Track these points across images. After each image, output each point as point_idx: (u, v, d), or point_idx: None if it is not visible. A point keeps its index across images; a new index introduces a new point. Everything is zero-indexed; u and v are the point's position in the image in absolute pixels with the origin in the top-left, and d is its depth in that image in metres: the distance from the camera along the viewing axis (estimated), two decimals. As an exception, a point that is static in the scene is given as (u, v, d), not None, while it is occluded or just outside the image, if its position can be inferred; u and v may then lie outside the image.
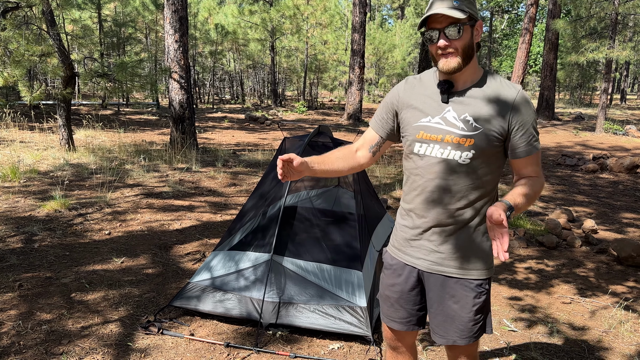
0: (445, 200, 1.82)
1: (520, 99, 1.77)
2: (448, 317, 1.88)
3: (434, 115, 1.82)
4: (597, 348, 3.18)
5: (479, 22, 1.79)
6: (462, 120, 1.78)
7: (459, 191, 1.80)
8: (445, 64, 1.75)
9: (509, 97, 1.78)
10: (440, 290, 1.88)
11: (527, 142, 1.79)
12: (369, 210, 4.16)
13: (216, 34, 22.57)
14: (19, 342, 2.96)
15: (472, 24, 1.76)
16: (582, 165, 9.97)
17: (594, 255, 4.89)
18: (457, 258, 1.85)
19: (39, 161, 8.06)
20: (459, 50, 1.75)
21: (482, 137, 1.76)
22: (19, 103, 16.31)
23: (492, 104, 1.78)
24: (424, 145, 1.84)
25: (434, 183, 1.82)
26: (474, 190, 1.81)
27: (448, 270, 1.86)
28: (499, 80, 1.82)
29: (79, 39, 13.94)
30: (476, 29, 1.79)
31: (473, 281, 1.85)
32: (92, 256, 4.33)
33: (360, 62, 17.67)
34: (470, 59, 1.78)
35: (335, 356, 2.96)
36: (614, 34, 16.11)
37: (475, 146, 1.76)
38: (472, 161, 1.78)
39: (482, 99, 1.79)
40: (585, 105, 30.50)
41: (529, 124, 1.78)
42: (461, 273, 1.85)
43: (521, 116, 1.77)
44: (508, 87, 1.79)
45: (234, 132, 14.64)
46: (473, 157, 1.77)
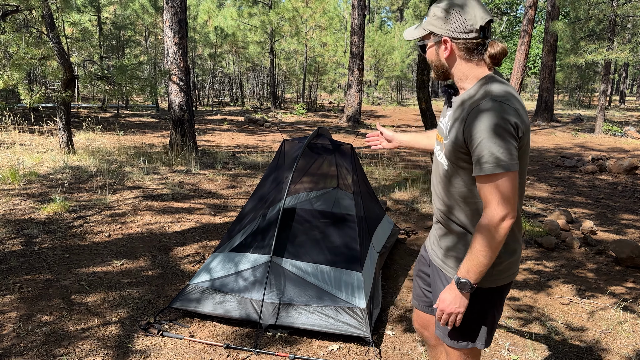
0: (438, 198, 1.90)
1: (475, 110, 1.63)
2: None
3: (443, 117, 1.88)
4: (595, 349, 3.19)
5: (444, 39, 1.73)
6: (446, 126, 1.81)
7: (444, 193, 1.84)
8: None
9: (469, 108, 1.67)
10: (437, 282, 1.95)
11: (476, 160, 1.63)
12: (369, 211, 4.18)
13: (215, 36, 22.60)
14: (19, 344, 2.97)
15: (435, 40, 1.76)
16: (581, 167, 9.99)
17: (592, 257, 4.91)
18: (449, 256, 1.89)
19: (38, 164, 8.07)
20: (432, 65, 1.83)
21: (448, 146, 1.75)
22: (18, 106, 16.33)
23: (458, 114, 1.73)
24: (436, 143, 1.96)
25: (433, 180, 1.94)
26: (457, 195, 1.79)
27: (442, 265, 1.92)
28: (482, 89, 1.69)
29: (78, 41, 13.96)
30: (441, 46, 1.76)
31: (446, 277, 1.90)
32: (92, 258, 4.34)
33: (360, 64, 17.70)
34: (446, 74, 1.80)
35: (335, 357, 2.97)
36: (613, 35, 16.15)
37: (446, 154, 1.78)
38: (448, 169, 1.79)
39: (458, 108, 1.75)
40: (584, 106, 30.54)
41: (477, 140, 1.60)
42: (450, 272, 1.88)
43: (470, 129, 1.63)
44: (477, 98, 1.67)
45: (234, 134, 14.66)
46: (448, 166, 1.79)
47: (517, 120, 1.60)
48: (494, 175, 1.60)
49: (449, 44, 1.74)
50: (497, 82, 1.70)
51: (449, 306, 1.76)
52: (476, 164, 1.63)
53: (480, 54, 1.73)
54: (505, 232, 1.63)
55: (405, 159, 11.00)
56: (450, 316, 1.77)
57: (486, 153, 1.59)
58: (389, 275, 4.26)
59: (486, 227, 1.64)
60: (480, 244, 1.65)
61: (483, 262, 1.66)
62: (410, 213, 6.24)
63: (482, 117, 1.60)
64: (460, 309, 1.75)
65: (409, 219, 5.98)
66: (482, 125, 1.59)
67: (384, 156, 11.05)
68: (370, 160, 10.41)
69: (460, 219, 1.81)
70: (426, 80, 7.97)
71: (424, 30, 1.78)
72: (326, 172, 4.44)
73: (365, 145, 12.85)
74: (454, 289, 1.75)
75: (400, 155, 11.41)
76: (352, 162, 4.09)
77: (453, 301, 1.75)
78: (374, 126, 18.22)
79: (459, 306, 1.75)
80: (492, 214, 1.62)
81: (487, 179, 1.61)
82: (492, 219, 1.62)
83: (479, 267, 1.67)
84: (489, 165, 1.59)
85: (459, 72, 1.77)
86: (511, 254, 1.80)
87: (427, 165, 9.79)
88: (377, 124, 2.42)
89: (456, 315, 1.76)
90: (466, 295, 1.74)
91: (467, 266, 1.70)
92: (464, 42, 1.72)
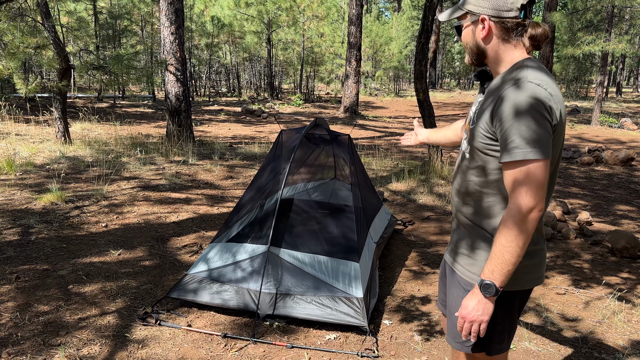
0: (458, 193, 1.79)
1: (509, 91, 1.53)
2: (449, 312, 1.84)
3: (474, 105, 1.79)
4: (590, 338, 3.21)
5: (482, 17, 1.63)
6: (474, 112, 1.71)
7: (465, 187, 1.74)
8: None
9: (501, 90, 1.57)
10: (450, 283, 1.84)
11: (504, 145, 1.51)
12: (366, 202, 4.18)
13: (212, 26, 22.46)
14: (16, 334, 2.97)
15: (473, 20, 1.66)
16: (577, 158, 10.01)
17: (588, 247, 4.93)
18: (461, 254, 1.78)
19: (35, 154, 8.04)
20: (464, 46, 1.73)
21: (473, 133, 1.66)
22: (14, 96, 16.23)
23: (489, 98, 1.63)
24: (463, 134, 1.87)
25: (455, 174, 1.83)
26: (474, 189, 1.70)
27: (456, 265, 1.81)
28: (515, 73, 1.59)
29: (74, 31, 13.86)
30: (478, 25, 1.66)
31: (468, 284, 1.73)
32: (89, 248, 4.34)
33: (357, 54, 17.63)
34: (481, 57, 1.69)
35: (332, 346, 2.99)
36: (610, 26, 16.12)
37: (469, 141, 1.69)
38: (470, 157, 1.69)
39: (488, 93, 1.66)
40: (581, 98, 30.55)
41: (507, 123, 1.49)
42: (461, 270, 1.77)
43: (499, 112, 1.52)
44: (510, 80, 1.57)
45: (231, 125, 14.62)
46: (470, 153, 1.69)
47: (552, 105, 1.49)
48: (523, 161, 1.47)
49: (487, 23, 1.62)
50: (534, 66, 1.58)
51: (471, 313, 1.59)
52: (504, 149, 1.51)
53: (520, 35, 1.62)
54: (533, 226, 1.50)
55: (402, 150, 11.00)
56: (472, 325, 1.60)
57: (516, 137, 1.47)
58: (386, 266, 4.27)
59: (512, 219, 1.50)
60: (506, 238, 1.51)
61: (509, 260, 1.51)
62: (408, 204, 6.25)
63: (514, 99, 1.49)
64: (484, 317, 1.58)
65: (406, 209, 5.99)
66: (513, 107, 1.48)
67: (382, 147, 11.04)
68: (367, 151, 10.40)
69: (477, 212, 1.71)
70: (424, 71, 7.96)
71: (461, 10, 1.68)
72: (324, 163, 4.44)
73: (362, 136, 12.84)
74: (477, 293, 1.58)
75: (397, 147, 11.41)
76: (350, 152, 4.09)
77: (476, 308, 1.58)
78: (371, 117, 18.21)
79: (483, 314, 1.58)
80: (519, 205, 1.49)
81: (516, 165, 1.48)
82: (519, 210, 1.49)
83: (505, 266, 1.52)
84: (520, 151, 1.47)
85: (495, 54, 1.66)
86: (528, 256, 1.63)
87: (424, 157, 9.79)
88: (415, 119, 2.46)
89: (479, 324, 1.59)
90: (491, 300, 1.57)
91: (492, 266, 1.54)
92: (503, 21, 1.61)
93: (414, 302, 3.63)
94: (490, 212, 1.67)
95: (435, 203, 6.31)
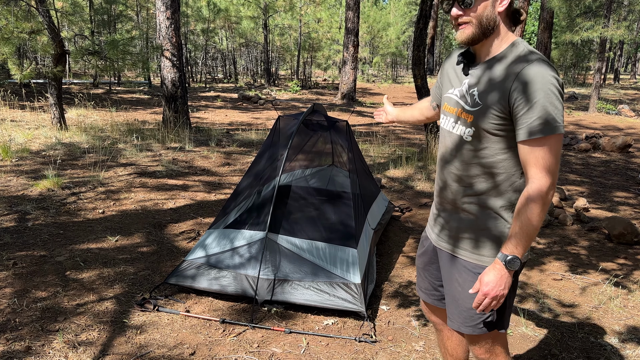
0: (453, 177, 1.76)
1: (528, 69, 1.52)
2: (453, 299, 1.81)
3: (455, 87, 1.76)
4: (587, 323, 3.23)
5: None
6: (470, 95, 1.67)
7: (464, 169, 1.72)
8: (459, 35, 1.64)
9: (516, 69, 1.55)
10: (449, 269, 1.82)
11: (527, 123, 1.52)
12: (364, 189, 4.18)
13: (208, 11, 22.26)
14: (14, 320, 2.97)
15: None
16: (575, 145, 10.01)
17: (585, 233, 4.95)
18: (465, 239, 1.76)
19: (30, 140, 7.99)
20: (474, 20, 1.61)
21: (481, 114, 1.62)
22: (9, 81, 16.09)
23: (498, 78, 1.60)
24: (444, 116, 1.82)
25: (445, 157, 1.79)
26: (479, 171, 1.68)
27: (455, 250, 1.79)
28: (519, 52, 1.59)
29: (69, 16, 13.71)
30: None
31: (478, 266, 1.73)
32: (87, 235, 4.33)
33: (355, 40, 17.51)
34: (490, 31, 1.62)
35: (330, 331, 3.00)
36: (609, 12, 16.04)
37: (474, 123, 1.65)
38: (474, 139, 1.67)
39: (492, 73, 1.63)
40: (578, 84, 30.50)
41: (531, 101, 1.50)
42: (467, 255, 1.75)
43: (523, 90, 1.52)
44: (521, 58, 1.57)
45: (227, 111, 14.55)
46: (474, 136, 1.66)
47: (561, 82, 1.53)
48: (546, 138, 1.50)
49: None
50: (529, 46, 1.61)
51: (495, 288, 1.60)
52: (527, 126, 1.52)
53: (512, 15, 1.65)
54: (550, 201, 1.54)
55: (400, 136, 10.98)
56: (493, 300, 1.62)
57: (543, 114, 1.49)
58: (384, 252, 4.28)
59: (537, 193, 1.53)
60: (532, 212, 1.53)
61: (532, 233, 1.56)
62: (405, 190, 6.25)
63: (534, 76, 1.50)
64: (505, 290, 1.61)
65: (404, 196, 5.99)
66: (536, 85, 1.49)
67: (379, 134, 11.02)
68: (365, 137, 10.38)
69: (482, 194, 1.70)
70: (422, 57, 7.91)
71: None
72: (321, 150, 4.42)
73: (360, 123, 12.80)
74: (499, 268, 1.60)
75: (395, 133, 11.39)
76: (348, 139, 4.07)
77: (499, 282, 1.60)
78: (368, 104, 18.14)
79: (504, 287, 1.61)
80: (542, 181, 1.52)
81: (540, 142, 1.51)
82: (544, 184, 1.52)
83: (529, 239, 1.56)
84: (545, 127, 1.49)
85: (502, 31, 1.63)
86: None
87: (421, 143, 9.77)
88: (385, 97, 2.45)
89: (500, 298, 1.62)
90: (511, 273, 1.61)
91: (516, 241, 1.57)
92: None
93: (411, 287, 3.65)
94: (498, 191, 1.68)
95: (432, 190, 6.31)
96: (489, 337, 1.79)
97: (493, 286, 1.60)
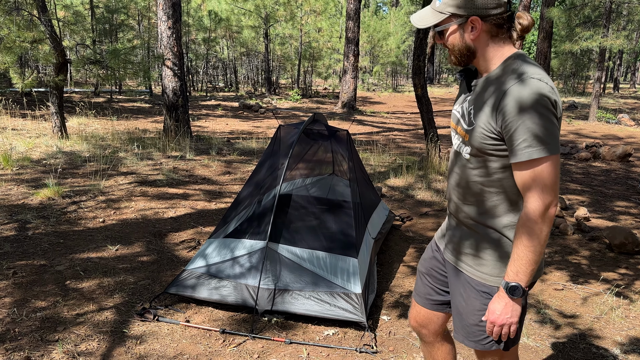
0: (458, 192, 1.75)
1: (514, 88, 1.47)
2: (457, 312, 1.79)
3: (460, 104, 1.75)
4: (588, 334, 3.22)
5: (472, 19, 1.56)
6: (467, 112, 1.66)
7: (466, 186, 1.70)
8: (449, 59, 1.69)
9: (504, 88, 1.51)
10: (455, 283, 1.80)
11: (515, 145, 1.48)
12: (364, 198, 4.17)
13: (209, 20, 22.37)
14: (14, 330, 2.96)
15: (459, 22, 1.59)
16: (575, 154, 10.02)
17: (586, 243, 4.94)
18: (468, 254, 1.74)
19: (31, 149, 8.00)
20: (450, 48, 1.65)
21: (475, 133, 1.59)
22: (10, 90, 16.14)
23: (487, 97, 1.57)
24: (452, 132, 1.82)
25: (451, 172, 1.79)
26: (479, 189, 1.66)
27: (460, 265, 1.76)
28: (512, 68, 1.54)
29: (70, 25, 13.76)
30: (467, 27, 1.59)
31: (480, 284, 1.70)
32: (87, 244, 4.32)
33: (355, 50, 17.59)
34: (471, 57, 1.63)
35: (330, 342, 2.99)
36: (608, 22, 16.12)
37: (469, 142, 1.63)
38: (472, 158, 1.65)
39: (484, 91, 1.60)
40: (578, 94, 30.57)
41: (516, 122, 1.45)
42: (470, 271, 1.73)
43: (506, 111, 1.47)
44: (510, 77, 1.52)
45: (228, 120, 14.58)
46: (471, 154, 1.64)
47: (555, 98, 1.46)
48: (537, 160, 1.45)
49: (479, 24, 1.56)
50: (528, 61, 1.54)
51: (500, 317, 1.58)
52: (514, 149, 1.48)
53: (508, 29, 1.59)
54: (551, 222, 1.49)
55: (400, 145, 11.00)
56: (502, 328, 1.59)
57: (528, 136, 1.44)
58: (384, 261, 4.27)
59: (532, 219, 1.49)
60: (528, 238, 1.50)
61: (533, 259, 1.51)
62: (406, 199, 6.24)
63: (520, 96, 1.45)
64: (514, 318, 1.58)
65: (404, 205, 5.99)
66: (520, 105, 1.45)
67: (380, 143, 11.03)
68: (365, 146, 10.39)
69: (483, 212, 1.67)
70: (422, 67, 7.94)
71: (443, 14, 1.60)
72: (322, 159, 4.42)
73: (360, 132, 12.82)
74: (503, 296, 1.58)
75: (395, 142, 11.40)
76: (348, 148, 4.08)
77: (504, 311, 1.57)
78: (369, 112, 18.19)
79: (512, 316, 1.58)
80: (537, 204, 1.48)
81: (529, 164, 1.47)
82: (537, 209, 1.48)
83: (530, 265, 1.52)
84: (532, 150, 1.44)
85: (486, 53, 1.61)
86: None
87: (422, 152, 9.78)
88: None
89: (509, 327, 1.59)
90: (518, 301, 1.57)
91: (516, 267, 1.53)
92: (494, 19, 1.56)
93: (412, 297, 3.63)
94: (495, 211, 1.65)
95: (433, 199, 6.31)
96: (496, 354, 1.76)
97: (499, 314, 1.58)
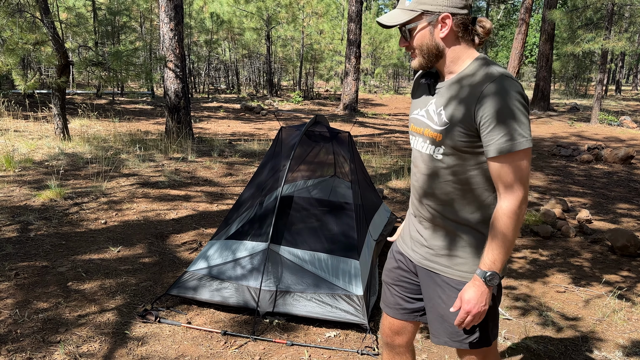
0: (428, 195, 1.76)
1: (491, 87, 1.54)
2: (438, 315, 1.79)
3: (421, 108, 1.77)
4: (590, 337, 3.21)
5: (443, 16, 1.59)
6: (437, 114, 1.68)
7: (438, 187, 1.72)
8: (412, 63, 1.71)
9: (479, 87, 1.56)
10: (432, 287, 1.80)
11: (494, 140, 1.54)
12: (366, 200, 4.17)
13: (211, 22, 22.41)
14: (16, 331, 2.96)
15: (430, 20, 1.61)
16: (577, 156, 10.01)
17: (588, 245, 4.93)
18: (444, 255, 1.76)
19: (33, 150, 8.02)
20: (417, 50, 1.67)
21: (449, 132, 1.63)
22: (13, 92, 16.19)
23: (462, 96, 1.60)
24: (413, 137, 1.83)
25: (419, 176, 1.79)
26: (452, 187, 1.69)
27: (437, 267, 1.77)
28: (482, 69, 1.60)
29: (73, 27, 13.81)
30: (437, 25, 1.61)
31: (460, 282, 1.73)
32: (89, 245, 4.33)
33: (357, 52, 17.60)
34: (437, 57, 1.65)
35: (332, 344, 2.98)
36: (610, 24, 16.11)
37: (443, 142, 1.65)
38: (445, 157, 1.67)
39: (456, 91, 1.63)
40: (580, 96, 30.55)
41: (497, 118, 1.52)
42: (449, 272, 1.75)
43: (487, 107, 1.53)
44: (484, 76, 1.57)
45: (230, 121, 14.60)
46: (444, 154, 1.67)
47: (526, 96, 1.56)
48: (516, 153, 1.53)
49: (450, 21, 1.60)
50: (494, 62, 1.63)
51: (476, 305, 1.61)
52: (494, 144, 1.54)
53: (470, 32, 1.64)
54: (524, 213, 1.58)
55: (402, 147, 10.99)
56: (475, 317, 1.63)
57: (509, 130, 1.51)
58: (386, 263, 4.26)
59: (510, 210, 1.56)
60: (507, 228, 1.57)
61: (509, 247, 1.59)
62: (407, 201, 6.24)
63: (500, 94, 1.52)
64: (486, 306, 1.63)
65: (406, 207, 5.99)
66: (500, 102, 1.51)
67: (381, 145, 11.03)
68: (367, 148, 10.39)
69: (458, 210, 1.71)
70: (424, 69, 7.94)
71: (414, 12, 1.61)
72: (323, 160, 4.43)
73: (362, 134, 12.82)
74: (479, 285, 1.62)
75: (397, 144, 11.40)
76: (350, 150, 4.08)
77: (480, 299, 1.62)
78: (370, 114, 18.19)
79: (485, 303, 1.62)
80: (514, 196, 1.56)
81: (509, 158, 1.53)
82: (515, 201, 1.56)
83: (506, 254, 1.59)
84: (512, 143, 1.52)
85: (453, 53, 1.65)
86: None
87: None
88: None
89: (482, 314, 1.64)
90: (491, 289, 1.63)
91: (493, 257, 1.60)
92: (462, 18, 1.60)
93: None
94: (474, 206, 1.70)
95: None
96: (479, 352, 1.79)
97: (475, 303, 1.62)
